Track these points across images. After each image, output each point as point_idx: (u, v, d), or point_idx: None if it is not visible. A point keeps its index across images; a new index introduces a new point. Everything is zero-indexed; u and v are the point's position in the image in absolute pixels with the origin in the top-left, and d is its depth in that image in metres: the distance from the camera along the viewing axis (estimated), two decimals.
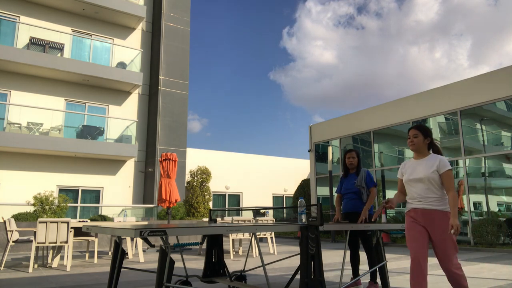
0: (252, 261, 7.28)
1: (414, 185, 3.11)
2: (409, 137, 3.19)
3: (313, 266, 3.06)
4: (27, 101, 13.74)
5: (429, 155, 3.15)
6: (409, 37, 56.69)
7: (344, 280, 4.89)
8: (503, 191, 10.47)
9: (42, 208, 11.05)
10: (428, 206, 3.00)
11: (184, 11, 17.11)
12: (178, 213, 13.90)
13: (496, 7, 50.27)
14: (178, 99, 16.10)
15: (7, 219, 6.87)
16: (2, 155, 13.10)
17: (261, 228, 3.07)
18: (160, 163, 10.12)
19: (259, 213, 18.40)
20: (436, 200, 2.99)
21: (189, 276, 3.96)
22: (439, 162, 3.03)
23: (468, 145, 10.97)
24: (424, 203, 3.03)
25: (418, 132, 3.15)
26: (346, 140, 14.70)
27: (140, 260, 7.23)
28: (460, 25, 54.91)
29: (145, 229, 2.40)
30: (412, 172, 3.14)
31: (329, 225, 3.31)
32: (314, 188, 15.58)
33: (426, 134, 3.15)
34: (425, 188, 3.03)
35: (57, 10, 15.00)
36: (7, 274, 5.76)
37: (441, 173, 3.00)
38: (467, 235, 10.51)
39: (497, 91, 10.28)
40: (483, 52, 54.00)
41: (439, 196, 3.00)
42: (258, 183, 21.62)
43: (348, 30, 58.27)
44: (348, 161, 4.74)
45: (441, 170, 3.00)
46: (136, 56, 16.07)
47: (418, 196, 3.07)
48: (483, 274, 5.49)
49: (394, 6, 56.10)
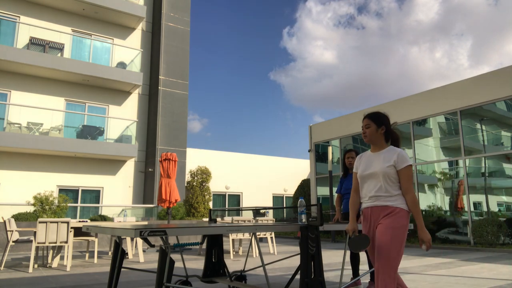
0: (252, 261, 7.28)
1: (367, 181, 2.70)
2: (362, 127, 2.80)
3: (313, 266, 3.06)
4: (27, 101, 13.74)
5: (387, 147, 2.73)
6: (410, 37, 56.72)
7: (344, 280, 4.89)
8: (503, 191, 10.47)
9: (42, 208, 11.05)
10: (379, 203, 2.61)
11: (184, 11, 17.12)
12: (178, 213, 13.90)
13: (496, 6, 50.29)
14: (178, 99, 16.10)
15: (7, 219, 6.87)
16: (2, 155, 13.10)
17: (261, 228, 3.07)
18: (160, 163, 10.12)
19: (259, 213, 18.40)
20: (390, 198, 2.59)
21: (189, 276, 3.96)
22: (397, 156, 2.61)
23: (468, 145, 10.97)
24: (376, 201, 2.62)
25: (369, 122, 2.77)
26: (346, 140, 14.70)
27: (140, 260, 7.23)
28: (461, 25, 54.95)
29: (145, 229, 2.40)
30: (366, 166, 2.72)
31: (329, 225, 3.31)
32: (314, 188, 15.58)
33: (379, 122, 2.75)
34: (379, 185, 2.62)
35: (57, 10, 15.00)
36: (7, 274, 5.76)
37: (399, 169, 2.59)
38: (467, 235, 10.51)
39: (497, 91, 10.28)
40: (484, 52, 54.04)
41: (395, 195, 2.59)
42: (258, 183, 21.62)
43: (349, 30, 58.31)
44: (348, 161, 4.75)
45: (399, 165, 2.60)
46: (136, 56, 16.07)
47: (369, 194, 2.66)
48: (483, 274, 5.49)
49: (394, 6, 56.13)
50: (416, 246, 10.23)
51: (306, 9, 57.43)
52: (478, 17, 51.41)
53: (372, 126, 2.76)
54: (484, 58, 54.37)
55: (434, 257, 7.71)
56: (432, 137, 12.08)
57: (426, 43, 55.78)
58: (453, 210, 11.16)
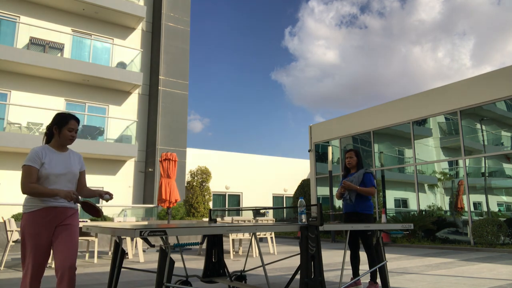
0: (252, 261, 7.28)
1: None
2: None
3: (313, 266, 3.06)
4: (27, 101, 13.75)
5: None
6: (412, 37, 56.67)
7: (344, 280, 4.89)
8: (503, 191, 10.48)
9: None
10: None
11: (184, 11, 17.12)
12: (178, 213, 13.90)
13: (499, 6, 50.25)
14: (178, 99, 16.10)
15: (7, 219, 6.87)
16: (2, 155, 13.10)
17: (261, 228, 3.07)
18: (160, 163, 10.12)
19: (259, 213, 18.41)
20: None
21: (189, 276, 3.96)
22: (79, 158, 2.94)
23: (468, 145, 10.97)
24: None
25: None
26: (346, 140, 14.70)
27: (140, 260, 7.23)
28: (463, 24, 54.90)
29: (145, 229, 2.40)
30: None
31: (329, 225, 3.31)
32: (314, 188, 15.58)
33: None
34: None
35: (57, 10, 15.00)
36: (7, 274, 5.76)
37: (82, 170, 2.93)
38: (467, 235, 10.51)
39: (497, 91, 10.28)
40: (486, 51, 53.99)
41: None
42: (258, 183, 21.61)
43: (351, 29, 58.26)
44: (347, 161, 4.76)
45: (83, 167, 2.95)
46: (136, 56, 16.07)
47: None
48: (483, 274, 5.49)
49: (397, 6, 56.08)
50: (416, 246, 10.23)
51: (309, 8, 57.45)
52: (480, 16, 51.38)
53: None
54: (486, 58, 54.34)
55: (434, 257, 7.71)
56: (432, 137, 12.08)
57: (429, 43, 55.75)
58: (453, 210, 11.17)
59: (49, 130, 2.86)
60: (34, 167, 2.66)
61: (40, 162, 2.69)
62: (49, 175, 2.70)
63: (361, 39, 57.43)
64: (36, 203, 2.66)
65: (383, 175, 13.31)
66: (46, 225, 2.66)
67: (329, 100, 57.69)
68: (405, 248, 10.00)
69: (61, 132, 2.82)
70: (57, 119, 2.84)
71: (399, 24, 56.78)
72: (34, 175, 2.64)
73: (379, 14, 56.29)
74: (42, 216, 2.65)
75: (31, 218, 2.63)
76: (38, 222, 2.63)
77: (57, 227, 2.70)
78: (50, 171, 2.70)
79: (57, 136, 2.83)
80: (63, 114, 2.88)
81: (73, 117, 2.85)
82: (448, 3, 52.77)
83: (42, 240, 2.63)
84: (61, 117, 2.84)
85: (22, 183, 2.61)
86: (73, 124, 2.84)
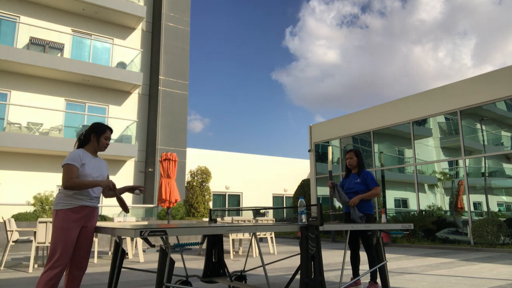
0: (252, 261, 7.28)
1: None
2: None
3: (313, 266, 3.06)
4: (27, 101, 13.74)
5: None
6: (413, 37, 56.64)
7: (344, 280, 4.89)
8: (503, 191, 10.47)
9: (42, 208, 11.05)
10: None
11: (184, 11, 17.12)
12: (178, 213, 13.90)
13: (500, 5, 50.19)
14: (178, 99, 16.10)
15: (7, 219, 6.87)
16: (2, 155, 13.10)
17: (261, 228, 3.07)
18: (160, 163, 10.12)
19: (259, 213, 18.41)
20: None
21: (189, 276, 3.96)
22: (106, 165, 3.24)
23: (468, 145, 10.97)
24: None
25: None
26: (346, 140, 14.70)
27: (140, 260, 7.23)
28: (464, 24, 54.85)
29: (145, 229, 2.40)
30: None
31: (329, 225, 3.31)
32: (314, 188, 15.58)
33: None
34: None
35: (57, 10, 15.00)
36: (7, 274, 5.76)
37: (108, 175, 3.18)
38: (467, 235, 10.51)
39: (497, 91, 10.28)
40: (487, 51, 53.94)
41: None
42: (258, 183, 21.61)
43: (352, 29, 58.24)
44: (347, 162, 4.75)
45: (108, 172, 3.21)
46: (136, 56, 16.07)
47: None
48: (483, 274, 5.49)
49: (398, 5, 56.06)
50: (416, 246, 10.23)
51: (310, 8, 57.42)
52: (482, 16, 51.33)
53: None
54: (487, 57, 54.27)
55: (434, 257, 7.71)
56: (432, 137, 12.08)
57: (430, 43, 55.71)
58: (453, 210, 11.17)
59: (85, 137, 3.14)
60: (76, 166, 2.92)
61: (81, 162, 2.96)
62: (87, 176, 2.97)
63: (362, 38, 57.44)
64: (72, 201, 2.91)
65: (383, 175, 13.31)
66: (77, 222, 2.91)
67: (329, 100, 57.71)
68: (405, 248, 10.00)
69: (99, 139, 3.12)
70: (96, 127, 3.14)
71: (400, 24, 56.78)
72: (75, 172, 2.90)
73: (380, 13, 56.30)
74: (76, 213, 2.91)
75: (66, 214, 2.87)
76: (72, 219, 2.89)
77: (83, 227, 2.99)
78: (89, 172, 2.99)
79: (94, 143, 3.13)
80: (101, 123, 3.19)
81: (109, 127, 3.19)
82: (449, 2, 52.77)
83: (72, 235, 2.87)
84: (99, 126, 3.15)
85: (65, 179, 2.86)
86: (109, 134, 3.19)
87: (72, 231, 2.87)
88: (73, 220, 2.88)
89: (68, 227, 2.86)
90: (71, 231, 2.87)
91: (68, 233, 2.85)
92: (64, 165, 2.90)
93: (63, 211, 2.87)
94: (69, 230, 2.86)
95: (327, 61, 55.61)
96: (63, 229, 2.83)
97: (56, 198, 2.93)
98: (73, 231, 2.88)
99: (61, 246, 2.80)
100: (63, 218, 2.85)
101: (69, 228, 2.86)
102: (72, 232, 2.87)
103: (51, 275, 2.76)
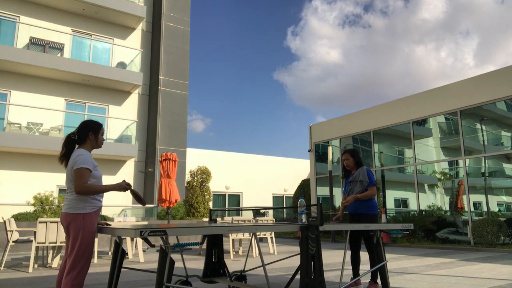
0: (252, 261, 7.28)
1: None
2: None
3: (313, 266, 3.06)
4: (27, 101, 13.74)
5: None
6: (415, 36, 56.59)
7: (344, 280, 4.89)
8: (503, 191, 10.47)
9: (42, 208, 11.05)
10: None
11: (184, 11, 17.12)
12: (178, 213, 13.90)
13: (503, 5, 50.14)
14: (178, 99, 16.10)
15: (7, 219, 6.87)
16: (2, 155, 13.10)
17: (261, 228, 3.07)
18: (160, 163, 10.12)
19: (259, 213, 18.40)
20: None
21: (189, 276, 3.96)
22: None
23: (468, 145, 10.97)
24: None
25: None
26: (346, 140, 14.70)
27: (140, 260, 7.23)
28: (467, 23, 54.80)
29: (145, 229, 2.40)
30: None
31: (329, 225, 3.31)
32: (314, 188, 15.58)
33: None
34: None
35: (57, 10, 15.00)
36: (7, 274, 5.76)
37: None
38: (467, 235, 10.51)
39: (497, 91, 10.27)
40: (490, 51, 53.89)
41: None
42: (258, 183, 21.61)
43: (354, 29, 58.21)
44: (344, 163, 4.74)
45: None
46: (136, 56, 16.07)
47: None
48: (483, 274, 5.49)
49: (400, 5, 56.03)
50: (416, 246, 10.23)
51: (312, 8, 57.39)
52: (484, 15, 51.28)
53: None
54: (490, 57, 54.21)
55: (434, 257, 7.71)
56: (432, 137, 12.08)
57: (432, 42, 55.66)
58: (453, 210, 11.17)
59: (79, 136, 3.00)
60: (90, 170, 2.87)
61: (93, 165, 2.92)
62: (100, 178, 2.96)
63: (364, 38, 57.38)
64: (95, 204, 2.90)
65: (383, 175, 13.31)
66: (96, 222, 2.94)
67: (331, 100, 57.68)
68: (405, 248, 10.00)
69: (97, 137, 3.05)
70: (92, 125, 3.05)
71: (402, 23, 56.72)
72: (88, 177, 2.84)
73: (382, 13, 56.26)
74: (97, 215, 2.94)
75: (93, 217, 2.87)
76: (96, 221, 2.92)
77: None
78: (100, 174, 2.98)
79: (93, 142, 3.04)
80: (94, 121, 3.10)
81: (100, 123, 3.13)
82: (452, 2, 52.75)
83: (94, 237, 2.92)
84: (94, 123, 3.06)
85: (78, 184, 2.78)
86: (103, 130, 3.12)
87: (95, 233, 2.91)
88: (96, 222, 2.93)
89: (95, 229, 2.90)
90: (95, 233, 2.91)
91: (94, 235, 2.89)
92: (78, 169, 2.80)
93: (91, 215, 2.86)
94: (95, 232, 2.90)
95: (328, 61, 55.62)
96: (93, 232, 2.86)
97: (77, 201, 2.83)
98: (95, 233, 2.91)
99: (90, 248, 2.83)
100: (92, 221, 2.86)
101: (95, 230, 2.91)
102: (95, 234, 2.91)
103: (81, 278, 2.76)
